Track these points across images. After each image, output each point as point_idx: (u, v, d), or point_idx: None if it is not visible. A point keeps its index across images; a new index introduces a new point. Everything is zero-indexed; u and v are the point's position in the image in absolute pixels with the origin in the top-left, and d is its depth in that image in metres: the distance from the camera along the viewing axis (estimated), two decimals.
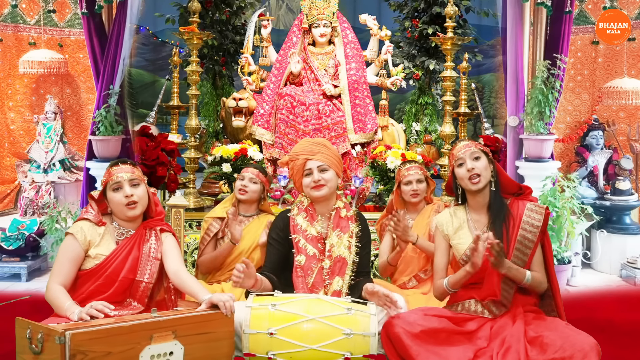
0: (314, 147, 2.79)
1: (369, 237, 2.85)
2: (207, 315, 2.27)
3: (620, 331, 3.48)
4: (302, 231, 2.73)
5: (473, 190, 2.60)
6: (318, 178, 2.72)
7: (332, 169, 2.76)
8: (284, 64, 4.63)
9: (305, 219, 2.76)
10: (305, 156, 2.76)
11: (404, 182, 3.47)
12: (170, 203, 3.59)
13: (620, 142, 5.78)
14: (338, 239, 2.73)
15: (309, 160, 2.75)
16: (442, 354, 2.36)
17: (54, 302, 2.41)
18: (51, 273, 2.50)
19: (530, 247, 2.55)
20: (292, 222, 2.76)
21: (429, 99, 5.88)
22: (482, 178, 2.57)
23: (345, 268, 2.70)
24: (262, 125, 4.50)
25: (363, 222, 2.84)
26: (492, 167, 2.62)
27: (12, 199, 5.90)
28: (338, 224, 2.77)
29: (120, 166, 2.58)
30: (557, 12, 4.53)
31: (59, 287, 2.43)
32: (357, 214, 2.85)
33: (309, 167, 2.74)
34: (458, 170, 2.62)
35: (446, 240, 2.69)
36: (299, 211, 2.79)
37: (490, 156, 2.65)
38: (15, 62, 5.91)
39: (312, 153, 2.76)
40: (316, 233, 2.74)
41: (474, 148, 2.61)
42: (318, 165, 2.73)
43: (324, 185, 2.73)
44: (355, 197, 4.20)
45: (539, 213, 2.57)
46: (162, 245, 2.60)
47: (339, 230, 2.75)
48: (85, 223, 2.54)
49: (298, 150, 2.82)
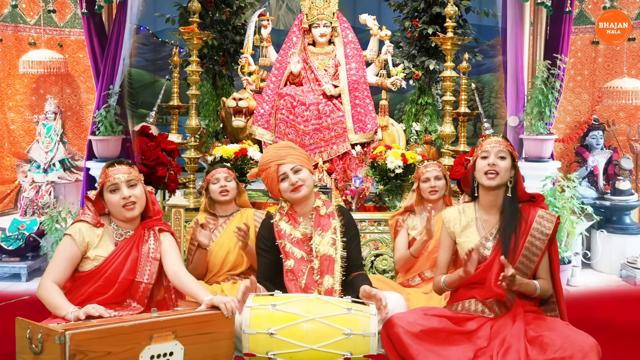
0: (281, 151, 2.81)
1: (355, 229, 2.85)
2: (208, 316, 2.27)
3: (620, 331, 3.48)
4: (287, 235, 2.76)
5: (485, 186, 2.58)
6: (295, 180, 2.73)
7: (305, 168, 2.78)
8: (284, 64, 4.63)
9: (288, 223, 2.79)
10: (276, 162, 2.77)
11: (423, 179, 3.47)
12: (170, 203, 3.59)
13: (620, 142, 5.78)
14: (320, 238, 2.75)
15: (281, 165, 2.76)
16: (442, 354, 2.36)
17: (47, 300, 2.39)
18: (46, 270, 2.49)
19: (537, 255, 2.54)
20: (276, 228, 2.78)
21: (429, 99, 5.87)
22: (498, 177, 2.54)
23: (333, 265, 2.70)
24: (262, 125, 4.50)
25: (346, 215, 2.85)
26: (513, 172, 2.60)
27: (12, 199, 5.90)
28: (319, 222, 2.78)
29: (117, 167, 2.56)
30: (557, 12, 4.53)
31: (52, 284, 2.42)
32: (339, 208, 2.86)
33: (283, 172, 2.76)
34: (480, 161, 2.59)
35: (452, 237, 2.68)
36: (281, 217, 2.81)
37: (516, 161, 2.62)
38: (15, 62, 5.91)
39: (281, 157, 2.77)
40: (301, 235, 2.76)
41: (503, 147, 2.58)
42: (291, 168, 2.75)
43: (302, 186, 2.74)
44: (355, 197, 4.20)
45: (550, 221, 2.56)
46: (161, 245, 2.59)
47: (320, 229, 2.77)
48: (83, 225, 2.53)
49: (267, 159, 2.82)
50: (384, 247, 4.02)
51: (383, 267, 3.96)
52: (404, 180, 4.25)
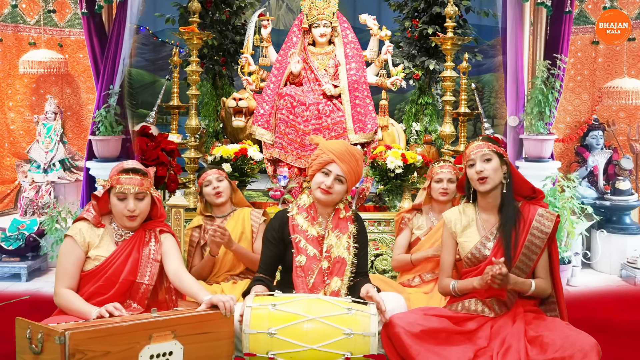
0: (347, 155, 2.68)
1: (366, 238, 2.83)
2: (207, 315, 2.27)
3: (620, 331, 3.48)
4: (303, 231, 2.70)
5: (482, 192, 2.60)
6: (330, 185, 2.65)
7: (347, 184, 2.70)
8: (284, 64, 4.63)
9: (306, 219, 2.73)
10: (335, 157, 2.67)
11: (435, 179, 3.44)
12: (170, 203, 3.60)
13: (620, 142, 5.78)
14: (337, 240, 2.71)
15: (335, 163, 2.66)
16: (442, 354, 2.36)
17: (69, 307, 2.40)
18: (56, 278, 2.49)
19: (537, 253, 2.55)
20: (291, 222, 2.73)
21: (429, 99, 5.87)
22: (490, 180, 2.55)
23: (344, 268, 2.68)
24: (262, 125, 4.50)
25: (360, 223, 2.82)
26: (505, 168, 2.60)
27: (12, 199, 5.90)
28: (337, 224, 2.74)
29: (131, 176, 2.53)
30: (557, 12, 4.53)
31: (68, 291, 2.44)
32: (355, 214, 2.83)
33: (330, 169, 2.67)
34: (469, 170, 2.61)
35: (453, 237, 2.68)
36: (300, 211, 2.75)
37: (505, 157, 2.62)
38: (15, 62, 5.91)
39: (341, 159, 2.67)
40: (316, 234, 2.72)
41: (486, 149, 2.58)
42: (337, 174, 2.66)
43: (331, 194, 2.67)
44: (355, 197, 4.20)
45: (549, 220, 2.57)
46: (161, 247, 2.60)
47: (338, 230, 2.73)
48: (83, 224, 2.54)
49: (332, 148, 2.70)
50: (384, 247, 4.02)
51: (383, 267, 3.96)
52: (404, 180, 4.25)
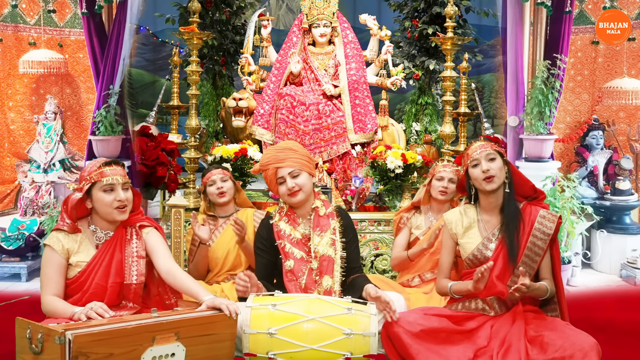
0: (280, 154, 2.75)
1: (353, 231, 2.83)
2: (211, 317, 2.26)
3: (620, 331, 3.48)
4: (287, 236, 2.74)
5: (487, 191, 2.59)
6: (292, 185, 2.69)
7: (304, 171, 2.73)
8: (284, 64, 4.63)
9: (287, 223, 2.77)
10: (274, 165, 2.72)
11: (437, 177, 3.45)
12: (170, 203, 3.59)
13: (620, 142, 5.78)
14: (319, 239, 2.73)
15: (279, 168, 2.72)
16: (443, 353, 2.36)
17: (56, 312, 2.38)
18: (41, 287, 2.47)
19: (539, 254, 2.55)
20: (275, 229, 2.76)
21: (429, 99, 5.87)
22: (497, 179, 2.56)
23: (332, 266, 2.69)
24: (262, 125, 4.50)
25: (345, 216, 2.83)
26: (506, 168, 2.61)
27: (12, 199, 5.89)
28: (318, 223, 2.76)
29: (114, 167, 2.52)
30: (557, 12, 4.53)
31: (53, 297, 2.42)
32: (337, 209, 2.84)
33: (281, 175, 2.72)
34: (472, 170, 2.60)
35: (453, 238, 2.68)
36: (281, 217, 2.79)
37: (505, 157, 2.64)
38: (15, 62, 5.91)
39: (280, 161, 2.72)
40: (300, 236, 2.75)
41: (490, 149, 2.59)
42: (289, 172, 2.70)
43: (298, 191, 2.71)
44: (355, 197, 4.20)
45: (551, 221, 2.57)
46: (144, 242, 2.56)
47: (319, 229, 2.74)
48: (60, 233, 2.50)
49: (266, 160, 2.78)
50: (384, 247, 4.02)
51: (383, 267, 3.96)
52: (404, 180, 4.25)
